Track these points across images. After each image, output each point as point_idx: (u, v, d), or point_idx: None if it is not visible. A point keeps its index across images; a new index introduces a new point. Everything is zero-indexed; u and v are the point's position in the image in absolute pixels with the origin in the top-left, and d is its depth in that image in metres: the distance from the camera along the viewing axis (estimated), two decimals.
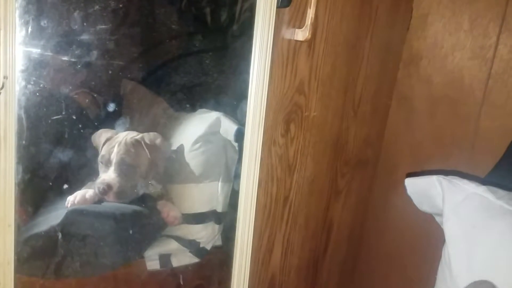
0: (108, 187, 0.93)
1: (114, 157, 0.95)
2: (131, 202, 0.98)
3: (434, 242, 0.78)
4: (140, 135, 0.99)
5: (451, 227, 0.65)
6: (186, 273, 1.03)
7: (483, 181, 0.70)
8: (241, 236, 0.95)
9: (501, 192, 0.63)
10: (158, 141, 1.03)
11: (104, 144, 0.96)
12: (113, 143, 0.96)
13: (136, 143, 0.98)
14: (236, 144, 1.05)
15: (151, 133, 1.02)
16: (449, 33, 1.04)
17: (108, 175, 0.94)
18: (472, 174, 0.92)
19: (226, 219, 1.08)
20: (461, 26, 1.02)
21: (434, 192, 0.68)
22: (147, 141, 1.00)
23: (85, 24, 0.76)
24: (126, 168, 0.96)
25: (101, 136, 0.96)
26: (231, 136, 1.06)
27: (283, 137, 0.95)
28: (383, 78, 1.09)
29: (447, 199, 0.66)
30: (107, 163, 0.95)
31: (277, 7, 0.76)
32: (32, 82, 0.71)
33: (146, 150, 0.99)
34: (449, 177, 0.68)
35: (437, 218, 0.71)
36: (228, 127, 1.06)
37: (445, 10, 1.04)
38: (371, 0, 0.97)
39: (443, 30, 1.05)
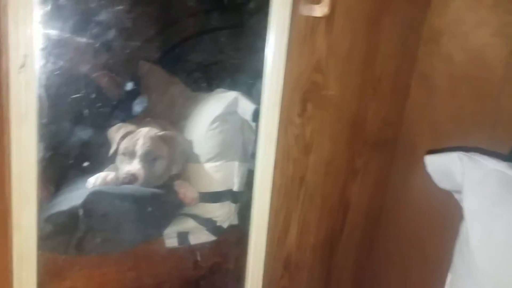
0: (134, 178, 0.98)
1: (139, 149, 0.99)
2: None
3: (453, 222, 0.77)
4: (162, 132, 1.04)
5: (470, 203, 0.64)
6: (203, 251, 1.05)
7: (505, 159, 0.69)
8: (256, 215, 0.96)
9: None
10: (178, 138, 1.08)
11: (123, 137, 1.00)
12: (136, 136, 1.01)
13: (160, 139, 1.03)
14: (253, 124, 1.05)
15: (172, 132, 1.08)
16: (471, 9, 1.01)
17: (133, 166, 0.99)
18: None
19: (242, 199, 1.09)
20: (484, 1, 0.99)
21: (455, 168, 0.67)
22: (169, 138, 1.05)
23: (102, 2, 0.76)
24: (151, 160, 1.01)
25: (119, 130, 1.01)
26: (248, 116, 1.06)
27: (299, 116, 0.94)
28: (403, 56, 1.06)
29: (467, 175, 0.65)
30: (131, 155, 1.00)
31: None
32: (52, 61, 0.72)
33: (168, 145, 1.04)
34: (470, 154, 0.67)
35: (456, 196, 0.70)
36: (246, 107, 1.07)
37: None
38: None
39: (464, 6, 1.02)
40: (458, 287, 0.67)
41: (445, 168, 0.70)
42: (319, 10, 0.80)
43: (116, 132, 1.00)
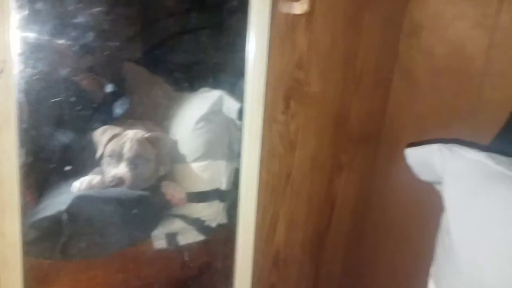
0: (121, 181, 0.97)
1: (126, 152, 0.99)
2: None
3: (437, 214, 0.79)
4: (148, 133, 1.03)
5: (450, 194, 0.65)
6: (192, 251, 1.06)
7: (486, 149, 0.70)
8: (244, 213, 0.96)
9: (501, 158, 0.63)
10: (165, 139, 1.08)
11: (110, 140, 0.99)
12: (123, 139, 1.00)
13: (147, 141, 1.02)
14: (239, 123, 1.05)
15: (158, 133, 1.07)
16: (450, 2, 1.02)
17: (120, 169, 0.98)
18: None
19: (230, 197, 1.09)
20: None
21: (435, 160, 0.68)
22: (156, 139, 1.04)
23: (80, 5, 0.76)
24: (139, 162, 1.00)
25: (105, 132, 1.00)
26: (234, 115, 1.06)
27: (283, 114, 0.95)
28: (384, 51, 1.07)
29: (447, 166, 0.66)
30: (118, 158, 0.99)
31: None
32: (30, 66, 0.72)
33: (155, 147, 1.03)
34: (449, 145, 0.68)
35: (437, 187, 0.72)
36: (231, 106, 1.07)
37: None
38: None
39: None
40: (441, 276, 0.69)
41: (425, 160, 0.71)
42: (299, 8, 0.81)
43: (101, 135, 0.99)
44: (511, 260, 0.57)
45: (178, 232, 1.06)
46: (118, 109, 0.99)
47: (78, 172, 0.92)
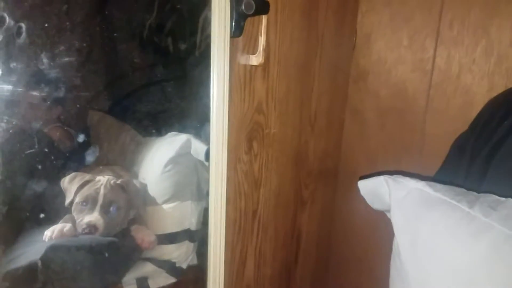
0: (94, 229, 0.97)
1: (100, 199, 0.99)
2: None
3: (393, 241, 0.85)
4: (120, 179, 1.05)
5: (397, 220, 0.72)
6: None
7: (431, 180, 0.78)
8: (213, 251, 0.99)
9: (438, 185, 0.71)
10: (135, 183, 1.09)
11: (81, 187, 0.99)
12: (95, 185, 1.01)
13: (119, 187, 1.03)
14: (208, 164, 1.10)
15: (128, 178, 1.09)
16: (391, 50, 1.14)
17: (93, 216, 0.98)
18: (423, 175, 1.00)
19: (200, 237, 1.12)
20: (401, 42, 1.12)
21: (382, 190, 0.76)
22: (127, 184, 1.05)
23: (52, 63, 0.81)
24: (112, 209, 1.01)
25: (74, 179, 1.00)
26: (201, 156, 1.10)
27: (247, 154, 1.01)
28: (335, 94, 1.17)
29: (392, 195, 0.73)
30: (92, 205, 0.99)
31: (231, 37, 0.84)
32: (4, 120, 0.75)
33: (127, 192, 1.05)
34: (394, 176, 0.76)
35: (388, 214, 0.79)
36: (198, 148, 1.11)
37: (386, 29, 1.14)
38: (317, 24, 1.06)
39: (385, 47, 1.15)
40: None
41: (374, 190, 0.78)
42: (255, 60, 0.89)
43: (70, 182, 1.00)
44: (455, 279, 0.63)
45: (148, 276, 1.06)
46: (89, 156, 1.02)
47: (50, 220, 0.93)
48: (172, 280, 1.08)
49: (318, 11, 1.06)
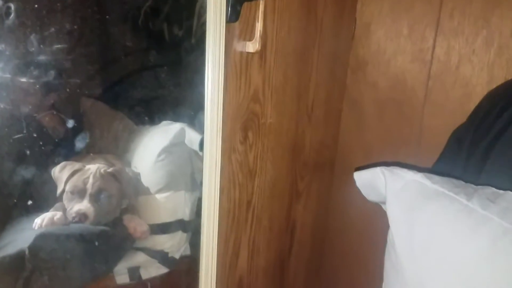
0: (84, 217, 0.97)
1: (89, 188, 0.99)
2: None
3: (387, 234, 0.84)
4: (112, 168, 1.04)
5: (393, 212, 0.71)
6: (155, 284, 1.05)
7: (428, 172, 0.77)
8: (206, 242, 0.98)
9: (436, 177, 0.70)
10: (128, 172, 1.08)
11: (71, 175, 0.99)
12: (85, 174, 1.00)
13: (110, 175, 1.02)
14: (202, 153, 1.08)
15: (121, 166, 1.07)
16: (390, 39, 1.12)
17: (83, 205, 0.98)
18: (420, 167, 0.99)
19: (193, 227, 1.11)
20: (401, 32, 1.10)
21: (378, 182, 0.74)
22: (119, 173, 1.04)
23: (41, 46, 0.79)
24: (103, 198, 1.00)
25: (64, 168, 0.99)
26: (196, 146, 1.09)
27: (242, 144, 0.99)
28: (333, 84, 1.15)
29: (389, 186, 0.72)
30: (81, 194, 0.98)
31: (226, 22, 0.81)
32: None
33: (119, 181, 1.04)
34: (391, 167, 0.75)
35: (383, 206, 0.78)
36: (192, 137, 1.10)
37: (386, 18, 1.12)
38: (316, 12, 1.04)
39: (384, 37, 1.13)
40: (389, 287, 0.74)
41: (370, 182, 0.77)
42: (252, 46, 0.87)
43: (60, 171, 0.99)
44: (451, 271, 0.62)
45: (141, 266, 1.05)
46: (79, 143, 1.00)
47: (40, 207, 0.92)
48: (164, 270, 1.07)
49: None
